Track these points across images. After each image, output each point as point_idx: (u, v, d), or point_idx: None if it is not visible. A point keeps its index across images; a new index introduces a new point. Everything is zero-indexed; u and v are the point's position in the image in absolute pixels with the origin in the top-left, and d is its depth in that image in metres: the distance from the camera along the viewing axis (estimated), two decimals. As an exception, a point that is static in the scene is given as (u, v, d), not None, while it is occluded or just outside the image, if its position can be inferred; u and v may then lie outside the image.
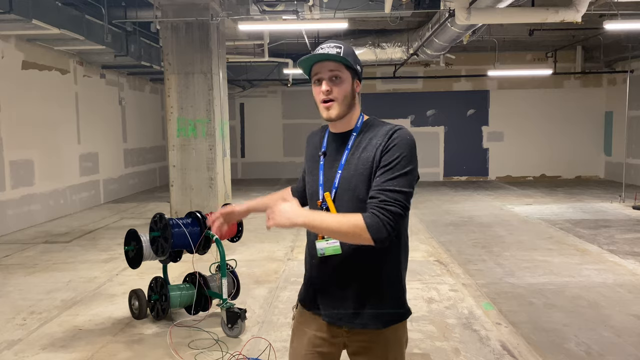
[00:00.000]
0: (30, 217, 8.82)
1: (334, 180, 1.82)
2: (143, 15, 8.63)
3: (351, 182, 1.78)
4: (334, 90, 1.79)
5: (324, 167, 1.87)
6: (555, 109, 14.93)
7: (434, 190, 13.09)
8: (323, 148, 1.90)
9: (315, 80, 1.83)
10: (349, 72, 1.81)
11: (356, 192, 1.77)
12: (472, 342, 3.91)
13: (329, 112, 1.80)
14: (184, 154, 7.85)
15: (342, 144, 1.86)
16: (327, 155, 1.88)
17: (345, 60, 1.78)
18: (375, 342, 1.81)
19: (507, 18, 7.25)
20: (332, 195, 1.81)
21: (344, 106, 1.81)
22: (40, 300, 5.01)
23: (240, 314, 4.00)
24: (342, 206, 1.79)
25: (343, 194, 1.79)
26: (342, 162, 1.82)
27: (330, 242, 1.78)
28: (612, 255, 6.35)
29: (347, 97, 1.81)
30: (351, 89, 1.82)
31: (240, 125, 16.43)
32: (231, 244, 4.90)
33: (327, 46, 1.81)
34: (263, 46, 10.98)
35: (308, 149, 2.01)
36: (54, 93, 9.63)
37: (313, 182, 1.89)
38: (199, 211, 4.20)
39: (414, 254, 6.60)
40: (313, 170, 1.91)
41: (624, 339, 3.93)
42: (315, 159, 1.92)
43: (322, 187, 1.85)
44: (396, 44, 11.35)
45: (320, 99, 1.81)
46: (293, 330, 1.97)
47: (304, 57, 1.80)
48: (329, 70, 1.79)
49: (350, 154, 1.82)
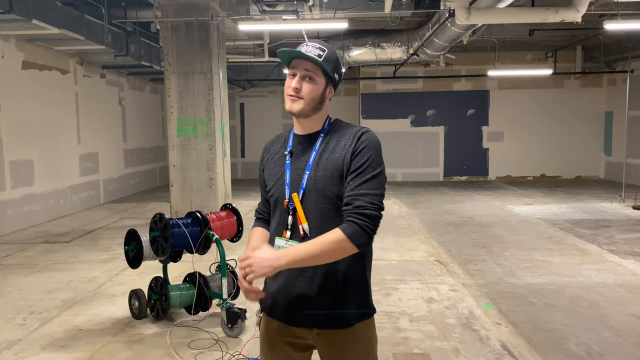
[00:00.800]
0: (30, 217, 8.82)
1: (302, 181, 1.81)
2: (143, 15, 8.63)
3: (319, 183, 1.79)
4: (303, 89, 1.80)
5: (291, 167, 1.86)
6: (555, 109, 14.92)
7: (434, 190, 13.09)
8: (289, 147, 1.89)
9: (290, 73, 1.84)
10: (324, 78, 1.83)
11: (325, 192, 1.78)
12: (472, 342, 3.91)
13: (292, 104, 1.82)
14: (184, 154, 7.85)
15: (308, 145, 1.86)
16: (294, 156, 1.87)
17: (323, 66, 1.80)
18: (345, 341, 1.81)
19: (507, 18, 7.24)
20: (299, 195, 1.81)
21: (308, 106, 1.82)
22: (40, 300, 5.01)
23: (240, 314, 4.00)
24: (309, 206, 1.79)
25: (310, 195, 1.80)
26: (309, 163, 1.82)
27: (289, 242, 1.80)
28: (612, 255, 6.35)
29: (314, 100, 1.82)
30: (321, 93, 1.83)
31: (240, 125, 16.43)
32: (231, 244, 4.90)
33: (312, 46, 1.81)
34: (263, 46, 10.98)
35: (268, 155, 1.97)
36: (54, 93, 9.63)
37: (278, 185, 1.87)
38: (199, 211, 4.20)
39: (414, 254, 6.60)
40: (276, 172, 1.89)
41: (624, 339, 3.93)
42: (279, 162, 1.90)
43: (289, 186, 1.84)
44: (396, 44, 11.35)
45: (288, 92, 1.83)
46: (262, 338, 1.95)
47: (284, 49, 1.81)
48: (305, 69, 1.80)
49: (318, 155, 1.82)
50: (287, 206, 1.82)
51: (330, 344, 1.82)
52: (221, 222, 4.27)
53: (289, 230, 1.82)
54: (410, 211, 9.85)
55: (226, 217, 4.34)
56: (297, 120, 1.89)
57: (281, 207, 1.85)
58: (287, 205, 1.82)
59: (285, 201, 1.83)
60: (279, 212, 1.87)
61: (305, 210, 1.79)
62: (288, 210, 1.82)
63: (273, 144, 1.99)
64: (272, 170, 1.92)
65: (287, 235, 1.82)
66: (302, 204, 1.80)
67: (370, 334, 1.87)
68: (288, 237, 1.81)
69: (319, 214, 1.79)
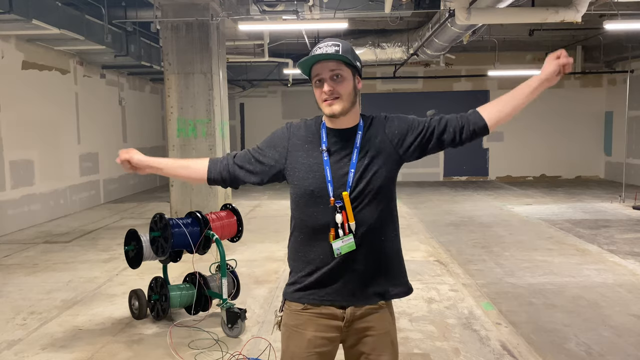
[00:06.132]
0: (31, 217, 8.82)
1: (347, 179, 1.81)
2: (143, 15, 8.63)
3: (366, 179, 1.81)
4: (336, 88, 1.79)
5: (330, 163, 1.83)
6: (555, 109, 14.91)
7: (434, 190, 13.09)
8: (324, 144, 1.86)
9: (316, 81, 1.82)
10: (350, 70, 1.82)
11: (373, 187, 1.81)
12: (472, 342, 3.91)
13: (332, 107, 1.80)
14: (184, 154, 7.84)
15: (347, 141, 1.85)
16: (332, 152, 1.84)
17: (345, 58, 1.78)
18: (381, 319, 1.88)
19: (507, 18, 7.25)
20: (349, 194, 1.81)
21: (348, 102, 1.81)
22: (40, 300, 5.01)
23: (240, 314, 4.00)
24: (359, 205, 1.81)
25: (358, 193, 1.81)
26: (353, 161, 1.82)
27: (345, 239, 1.80)
28: (612, 255, 6.34)
29: (350, 95, 1.82)
30: (353, 86, 1.83)
31: (240, 125, 16.43)
32: (231, 244, 4.90)
33: (325, 45, 1.80)
34: (263, 46, 10.98)
35: (293, 141, 1.89)
36: (54, 93, 9.63)
37: (314, 179, 1.83)
38: (199, 211, 4.20)
39: (414, 254, 6.59)
40: (309, 164, 1.85)
41: (624, 339, 3.93)
42: (311, 153, 1.86)
43: (332, 183, 1.82)
44: (396, 44, 11.35)
45: (322, 99, 1.81)
46: (286, 334, 1.93)
47: (303, 59, 1.79)
48: (330, 70, 1.79)
49: (360, 152, 1.83)
50: (334, 204, 1.81)
51: (366, 324, 1.87)
52: (221, 222, 4.27)
53: (339, 228, 1.81)
54: (410, 211, 9.85)
55: (226, 217, 4.34)
56: (333, 119, 1.86)
57: (322, 202, 1.82)
58: (334, 204, 1.81)
59: (331, 199, 1.82)
60: (317, 208, 1.84)
61: (355, 208, 1.81)
62: (335, 208, 1.81)
63: (300, 129, 1.92)
64: (304, 161, 1.86)
65: (338, 234, 1.81)
66: (352, 202, 1.81)
67: (393, 311, 1.99)
68: (342, 235, 1.81)
69: (369, 212, 1.82)
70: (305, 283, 1.89)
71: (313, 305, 1.87)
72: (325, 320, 1.86)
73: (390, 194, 1.88)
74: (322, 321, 1.86)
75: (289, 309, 1.92)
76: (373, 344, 1.87)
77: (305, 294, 1.88)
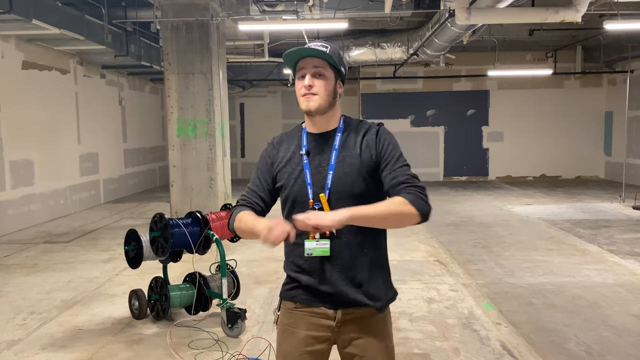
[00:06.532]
0: (30, 217, 8.82)
1: (326, 181, 1.82)
2: (143, 15, 8.63)
3: (346, 180, 1.81)
4: (316, 85, 1.82)
5: (310, 166, 1.86)
6: (555, 109, 14.92)
7: (434, 190, 13.08)
8: (304, 147, 1.88)
9: (299, 75, 1.85)
10: (333, 72, 1.85)
11: (352, 190, 1.81)
12: (472, 342, 3.91)
13: (308, 103, 1.82)
14: (184, 154, 7.84)
15: (325, 144, 1.87)
16: (311, 155, 1.87)
17: (330, 58, 1.82)
18: (374, 322, 1.87)
19: (507, 18, 7.25)
20: (326, 195, 1.81)
21: (325, 102, 1.83)
22: (40, 300, 5.01)
23: (240, 314, 4.00)
24: (337, 206, 1.78)
25: (336, 194, 1.81)
26: (332, 163, 1.83)
27: (320, 242, 1.81)
28: (612, 255, 6.34)
29: (328, 94, 1.84)
30: (333, 88, 1.85)
31: (240, 125, 16.43)
32: (231, 244, 4.90)
33: (314, 44, 1.84)
34: (263, 46, 10.98)
35: (280, 154, 1.91)
36: (54, 93, 9.63)
37: (297, 184, 1.86)
38: (199, 211, 4.20)
39: (414, 254, 6.60)
40: (292, 172, 1.87)
41: (624, 339, 3.93)
42: (294, 161, 1.88)
43: (311, 186, 1.83)
44: (396, 44, 11.35)
45: (301, 93, 1.84)
46: (280, 332, 1.95)
47: (289, 51, 1.83)
48: (313, 67, 1.82)
49: (338, 154, 1.84)
50: (313, 206, 1.82)
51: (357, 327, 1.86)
52: (221, 222, 4.27)
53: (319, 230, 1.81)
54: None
55: (226, 217, 4.33)
56: (311, 119, 1.88)
57: (304, 207, 1.83)
58: (313, 206, 1.82)
59: (310, 201, 1.83)
60: (300, 211, 1.82)
61: (333, 209, 1.79)
62: (314, 210, 1.81)
63: (282, 142, 1.95)
64: (287, 169, 1.89)
65: (316, 236, 1.81)
66: (329, 203, 1.81)
67: (389, 317, 1.97)
68: (318, 237, 1.81)
69: None
70: (296, 283, 1.91)
71: (305, 304, 1.89)
72: (317, 319, 1.87)
73: (371, 196, 1.82)
74: (314, 320, 1.87)
75: (284, 307, 1.95)
76: (365, 346, 1.86)
77: (298, 292, 1.91)
